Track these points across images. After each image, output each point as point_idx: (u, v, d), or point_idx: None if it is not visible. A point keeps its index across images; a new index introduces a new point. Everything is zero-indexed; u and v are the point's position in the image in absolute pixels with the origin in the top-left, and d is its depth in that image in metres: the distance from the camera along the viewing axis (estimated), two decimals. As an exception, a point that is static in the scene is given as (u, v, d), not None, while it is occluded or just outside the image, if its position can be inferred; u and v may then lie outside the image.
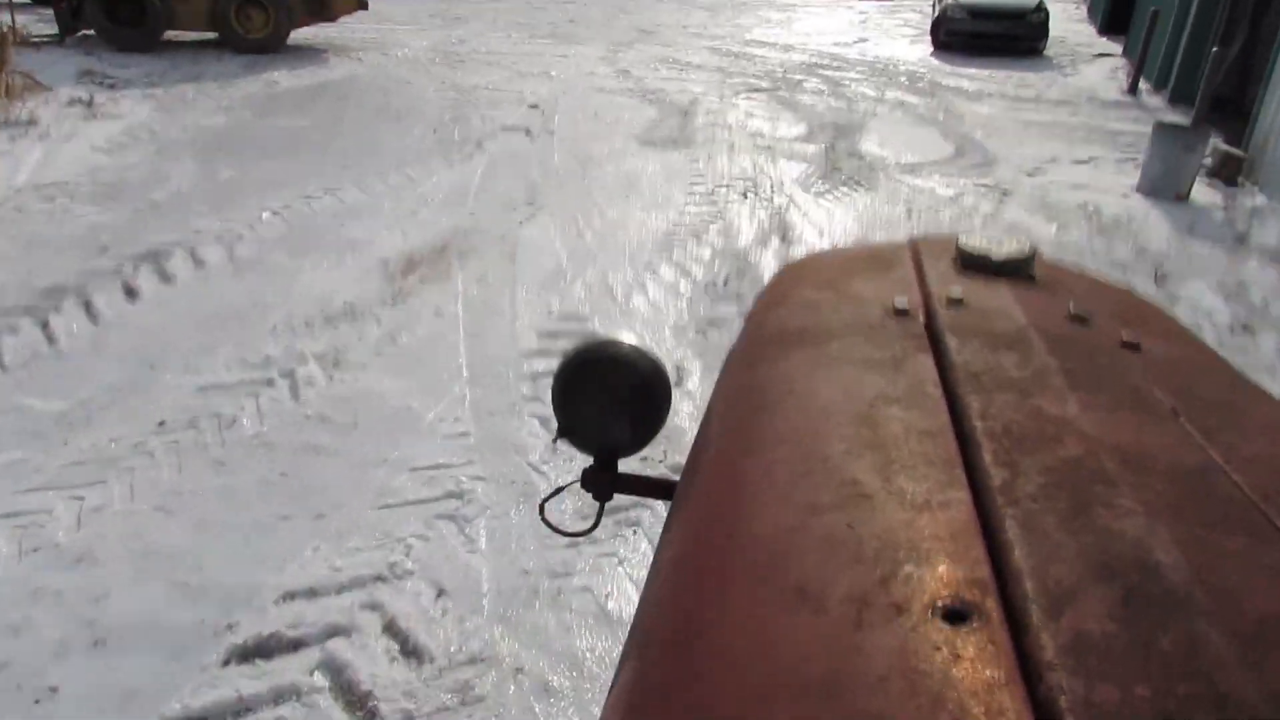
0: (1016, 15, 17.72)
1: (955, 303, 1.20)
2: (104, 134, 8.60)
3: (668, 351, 5.03)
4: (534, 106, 10.94)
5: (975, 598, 0.66)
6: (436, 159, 8.43)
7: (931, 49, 18.19)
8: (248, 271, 5.77)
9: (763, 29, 19.91)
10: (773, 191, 8.07)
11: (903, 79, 15.15)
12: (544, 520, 1.46)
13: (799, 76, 14.65)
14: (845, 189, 8.34)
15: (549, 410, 1.49)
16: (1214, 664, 0.57)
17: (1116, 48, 18.83)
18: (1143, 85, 14.89)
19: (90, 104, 9.53)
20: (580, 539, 3.36)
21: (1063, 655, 0.58)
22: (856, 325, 1.20)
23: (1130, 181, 9.23)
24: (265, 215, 6.68)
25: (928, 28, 20.28)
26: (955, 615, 0.64)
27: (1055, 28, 18.32)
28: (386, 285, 5.72)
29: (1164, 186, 8.92)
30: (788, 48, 17.52)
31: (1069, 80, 15.81)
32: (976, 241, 1.38)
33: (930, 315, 1.20)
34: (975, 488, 0.80)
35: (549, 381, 1.44)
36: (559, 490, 1.52)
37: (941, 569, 0.69)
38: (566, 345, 5.18)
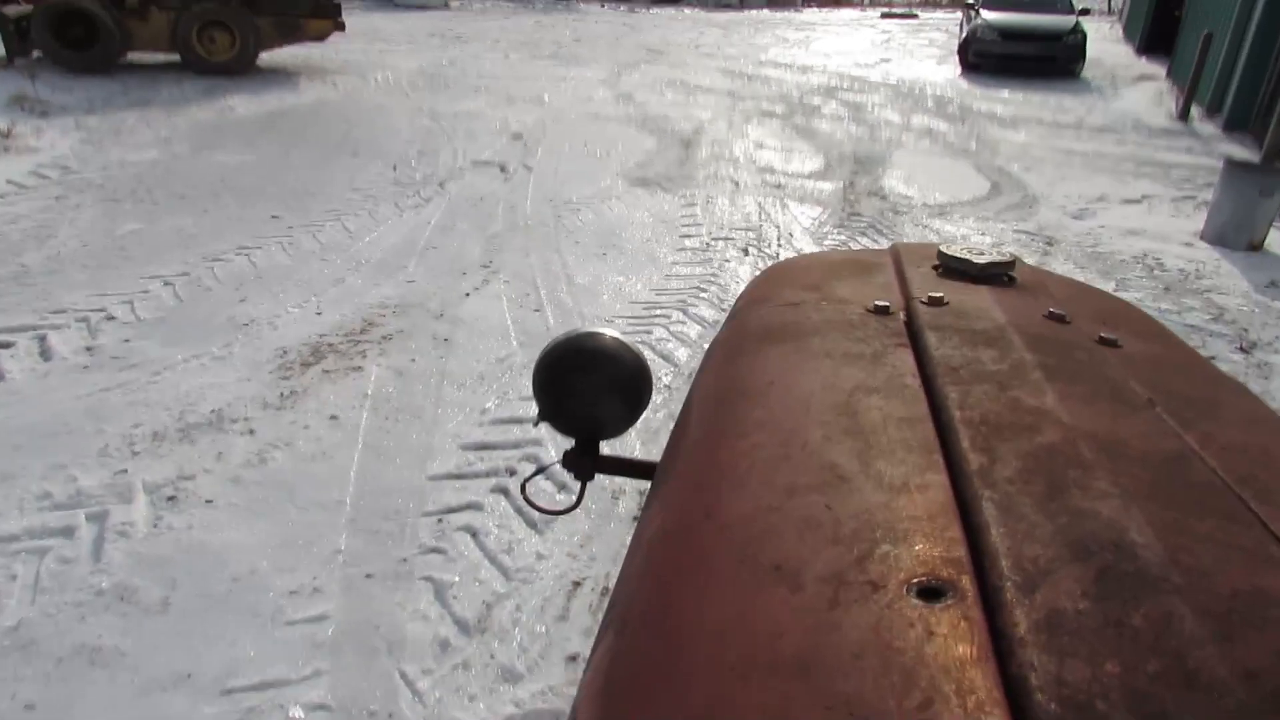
0: (1052, 36, 16.27)
1: (935, 301, 1.19)
2: (4, 173, 7.30)
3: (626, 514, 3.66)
4: (517, 137, 9.59)
5: (951, 575, 0.65)
6: (387, 205, 7.08)
7: (959, 70, 16.77)
8: (101, 367, 4.42)
9: (779, 49, 18.54)
10: (779, 245, 6.67)
11: (929, 103, 13.75)
12: (526, 499, 1.52)
13: (816, 100, 13.27)
14: (865, 240, 6.93)
15: (451, 572, 1.68)
16: (1185, 641, 0.57)
17: (1158, 69, 17.34)
18: (1194, 110, 13.41)
19: (7, 135, 8.25)
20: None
21: (1035, 632, 0.57)
22: (838, 322, 1.20)
23: (1193, 226, 7.80)
24: (153, 286, 5.33)
25: (954, 48, 18.89)
26: (930, 592, 0.63)
27: (1090, 48, 16.82)
28: (277, 383, 4.36)
29: (1234, 234, 7.48)
30: (805, 69, 16.14)
31: (1111, 105, 14.35)
32: (957, 249, 1.36)
33: (911, 313, 1.18)
34: (953, 472, 0.79)
35: (462, 521, 1.09)
36: (541, 470, 1.64)
37: (918, 548, 0.69)
38: (497, 465, 3.36)
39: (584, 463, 1.36)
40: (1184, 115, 13.30)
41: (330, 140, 9.11)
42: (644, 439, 4.00)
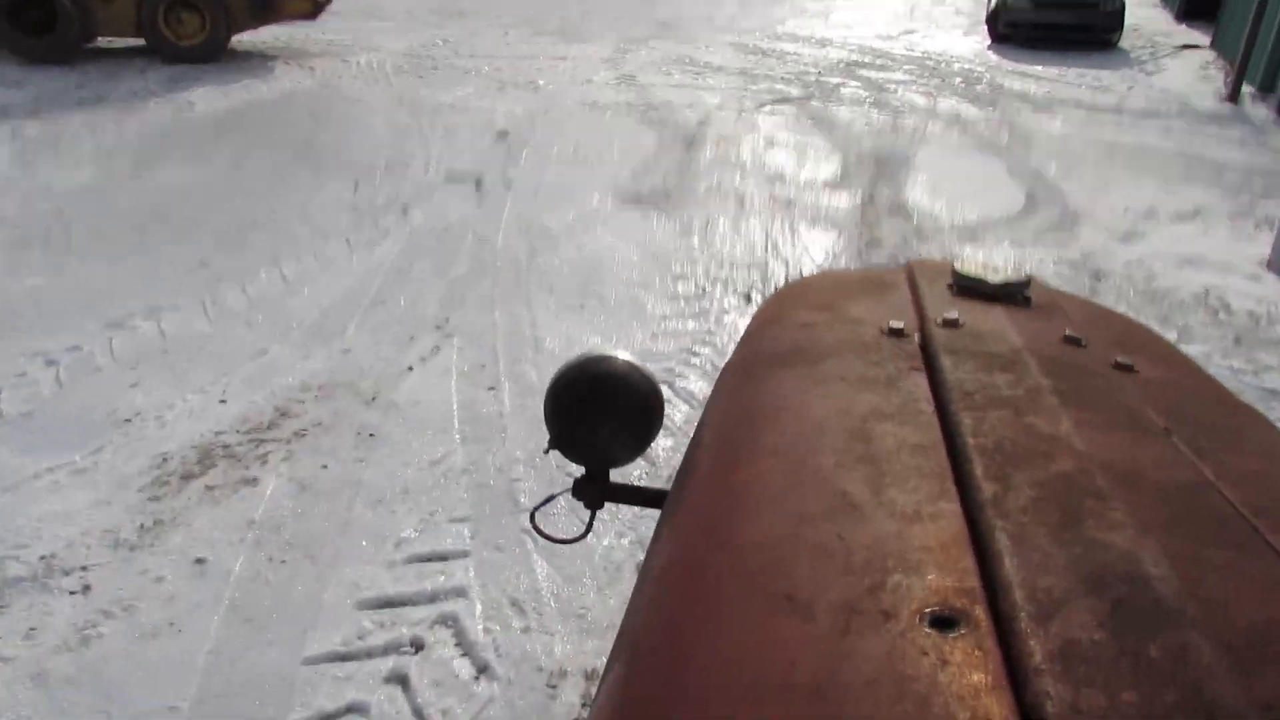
0: (1089, 3, 14.93)
1: (950, 324, 1.17)
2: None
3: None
4: (501, 136, 8.54)
5: (964, 605, 0.64)
6: (337, 242, 6.09)
7: (988, 42, 15.49)
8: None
9: (797, 20, 17.26)
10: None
11: (957, 80, 12.55)
12: (534, 527, 1.45)
13: (835, 80, 12.11)
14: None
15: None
16: (1202, 672, 0.56)
17: (1201, 37, 15.99)
18: (1245, 90, 12.16)
19: (-72, 151, 7.32)
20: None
21: (1050, 662, 0.56)
22: (851, 344, 1.18)
23: (1256, 251, 6.74)
24: (33, 367, 4.40)
25: (982, 17, 17.54)
26: (944, 622, 0.63)
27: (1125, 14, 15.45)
28: (141, 508, 3.47)
29: (1311, 266, 6.46)
30: (824, 43, 14.91)
31: (1153, 81, 13.10)
32: (973, 266, 1.34)
33: (925, 336, 1.17)
34: (966, 500, 0.78)
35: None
36: (551, 498, 1.49)
37: (930, 577, 0.67)
38: (399, 637, 2.95)
39: (593, 491, 1.32)
40: (1234, 96, 12.05)
41: (291, 146, 8.09)
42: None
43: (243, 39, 11.88)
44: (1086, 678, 0.55)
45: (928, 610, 0.64)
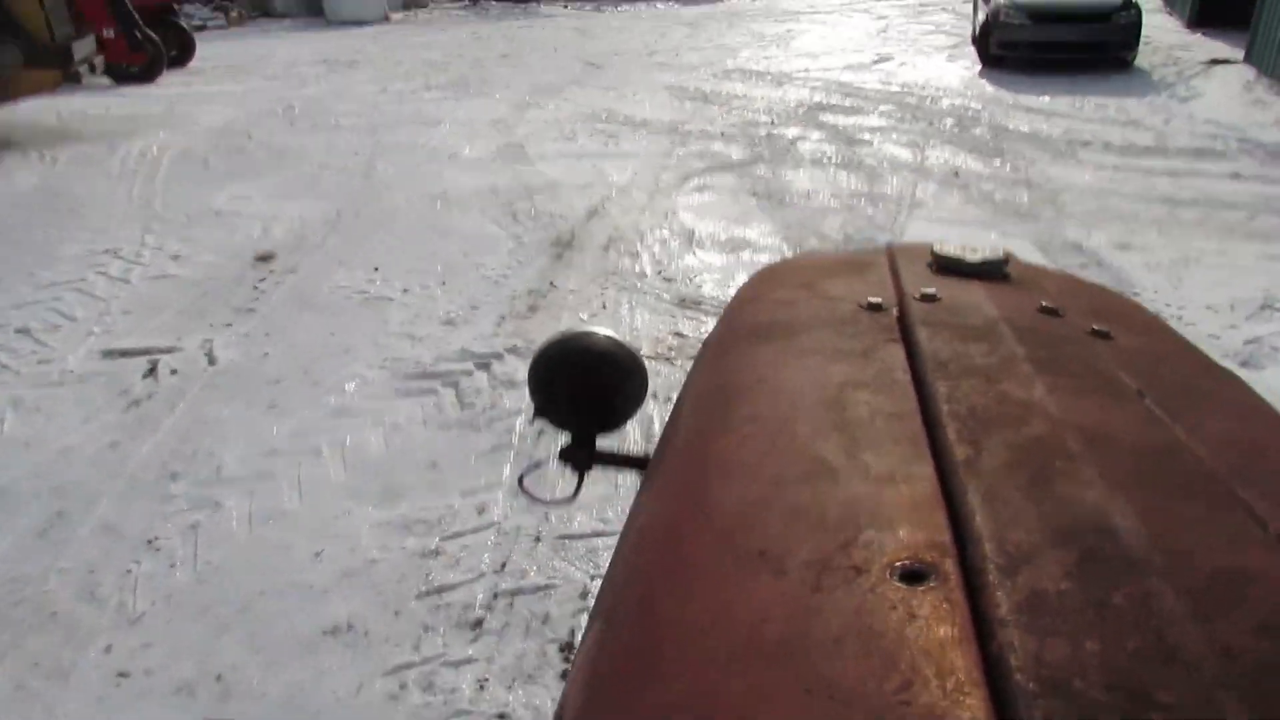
0: (1099, 16, 11.67)
1: (928, 298, 1.12)
2: None
3: None
4: (261, 260, 5.24)
5: (934, 559, 0.61)
6: None
7: (979, 67, 12.24)
8: None
9: (753, 50, 14.02)
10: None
11: (948, 122, 9.31)
12: (523, 490, 1.45)
13: (793, 131, 8.86)
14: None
15: None
16: (1165, 620, 0.54)
17: (1227, 49, 12.71)
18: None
19: None
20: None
21: (1015, 613, 0.54)
22: (829, 319, 1.13)
23: None
24: None
25: (968, 34, 14.29)
26: (913, 575, 0.60)
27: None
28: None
29: None
30: (782, 79, 11.66)
31: (1191, 109, 9.84)
32: (952, 247, 1.29)
33: (903, 309, 1.11)
34: (939, 463, 0.75)
35: None
36: (537, 465, 1.40)
37: (901, 533, 0.65)
38: None
39: (580, 455, 1.24)
40: (1308, 123, 8.81)
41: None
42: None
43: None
44: (1051, 628, 0.52)
45: (898, 564, 0.60)
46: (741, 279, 4.46)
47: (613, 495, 3.11)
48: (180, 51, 12.77)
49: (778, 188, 7.02)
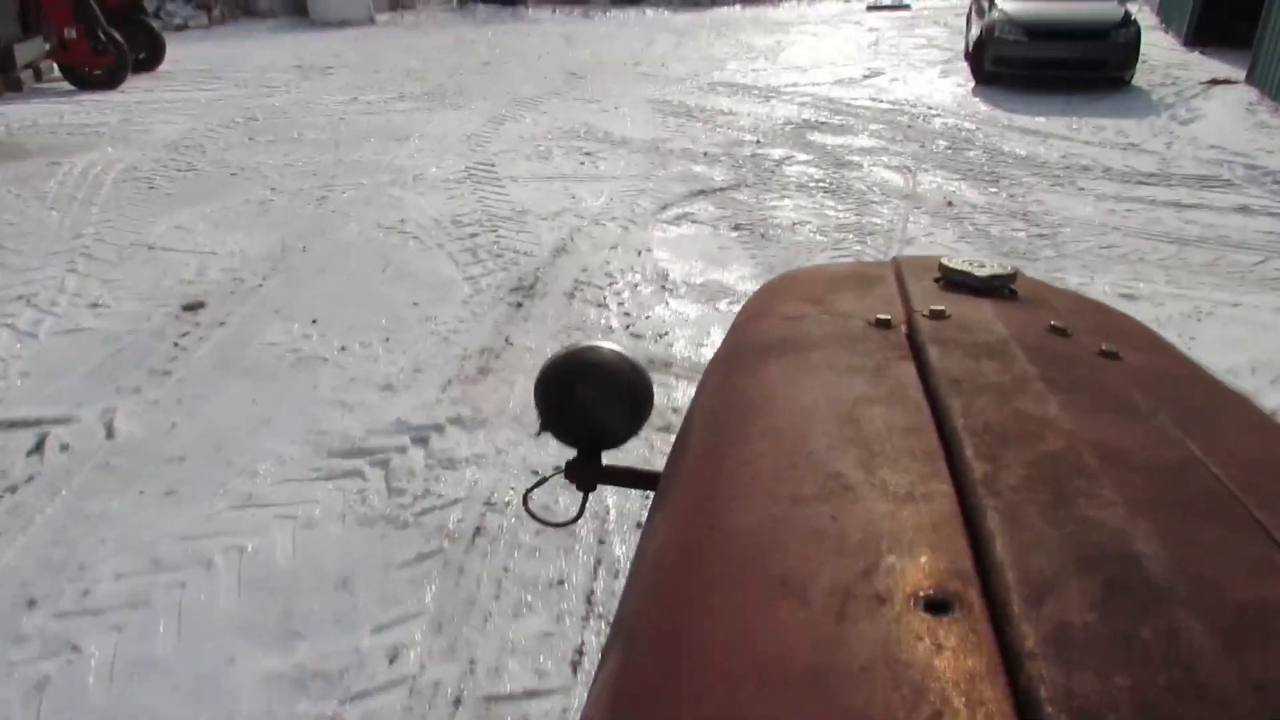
0: (1096, 33, 11.18)
1: (937, 315, 1.10)
2: None
3: None
4: (188, 310, 4.69)
5: (957, 588, 0.60)
6: None
7: (973, 84, 11.75)
8: None
9: (740, 62, 13.49)
10: None
11: (941, 144, 8.82)
12: (527, 510, 1.30)
13: (779, 152, 8.35)
14: None
15: None
16: (1194, 653, 0.52)
17: (1228, 68, 12.26)
18: (1326, 142, 8.48)
19: None
20: None
21: (1043, 645, 0.53)
22: (838, 335, 1.12)
23: None
24: None
25: (960, 49, 13.81)
26: (937, 606, 0.58)
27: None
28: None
29: None
30: (769, 94, 11.13)
31: (1193, 132, 9.38)
32: (959, 262, 1.27)
33: (912, 326, 1.11)
34: (957, 480, 0.73)
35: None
36: (542, 480, 1.36)
37: (924, 560, 0.63)
38: None
39: (586, 472, 1.23)
40: (1318, 152, 8.36)
41: None
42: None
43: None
44: (1079, 661, 0.51)
45: (921, 594, 0.59)
46: (716, 337, 3.94)
47: (552, 634, 2.58)
48: (149, 54, 12.18)
49: (760, 218, 6.50)
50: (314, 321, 4.54)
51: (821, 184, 7.41)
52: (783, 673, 0.55)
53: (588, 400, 1.20)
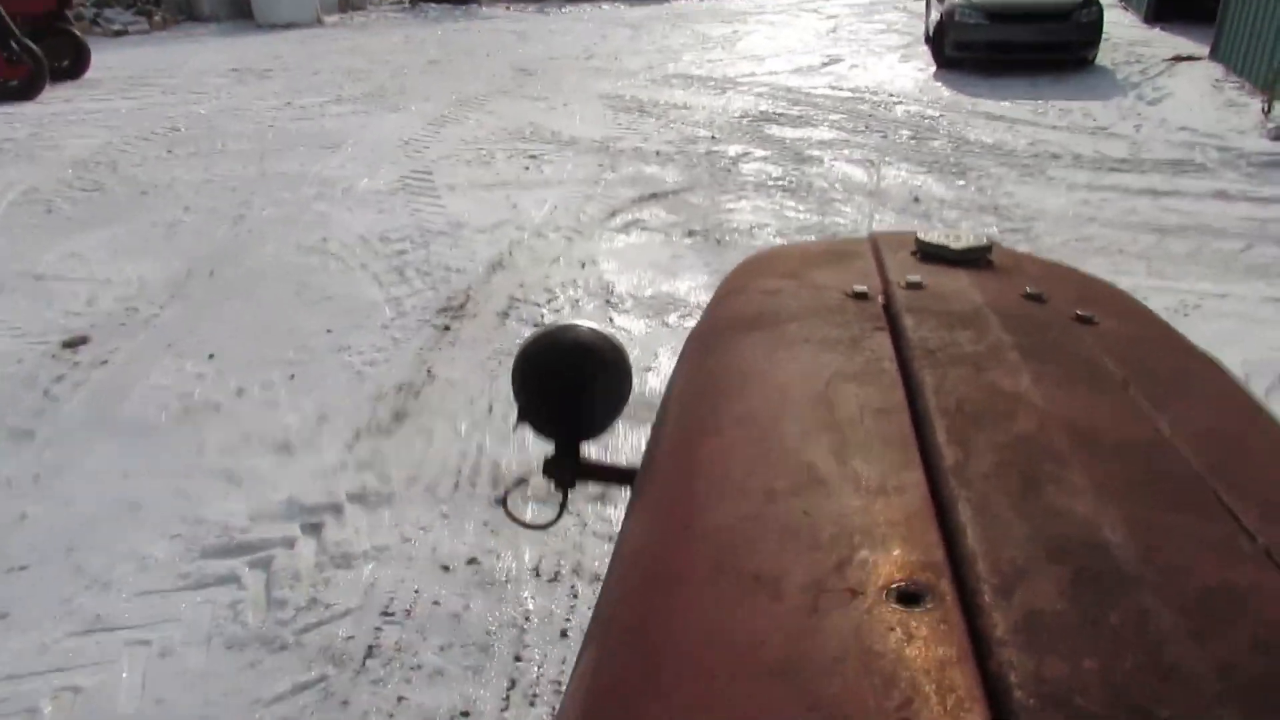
0: (1058, 14, 10.74)
1: (914, 286, 1.10)
2: None
3: None
4: (66, 348, 4.11)
5: (929, 580, 0.61)
6: None
7: (934, 68, 11.28)
8: None
9: (696, 53, 12.94)
10: None
11: (904, 133, 8.35)
12: (506, 512, 1.31)
13: (736, 148, 7.84)
14: None
15: None
16: (1161, 637, 0.54)
17: (1190, 45, 11.87)
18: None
19: None
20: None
21: (1013, 633, 0.54)
22: (815, 308, 1.11)
23: None
24: None
25: (920, 33, 13.34)
26: (909, 597, 0.59)
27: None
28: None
29: None
30: (726, 85, 10.60)
31: (1162, 112, 8.97)
32: (935, 235, 1.26)
33: (889, 298, 1.10)
34: (929, 467, 0.74)
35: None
36: (522, 481, 1.25)
37: (896, 552, 0.64)
38: None
39: (565, 468, 1.15)
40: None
41: None
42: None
43: None
44: (1049, 647, 0.52)
45: (894, 585, 0.60)
46: (666, 357, 3.41)
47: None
48: (73, 62, 11.47)
49: (716, 222, 5.99)
50: (210, 357, 3.97)
51: (780, 182, 6.90)
52: (756, 665, 0.55)
53: (565, 394, 1.14)
